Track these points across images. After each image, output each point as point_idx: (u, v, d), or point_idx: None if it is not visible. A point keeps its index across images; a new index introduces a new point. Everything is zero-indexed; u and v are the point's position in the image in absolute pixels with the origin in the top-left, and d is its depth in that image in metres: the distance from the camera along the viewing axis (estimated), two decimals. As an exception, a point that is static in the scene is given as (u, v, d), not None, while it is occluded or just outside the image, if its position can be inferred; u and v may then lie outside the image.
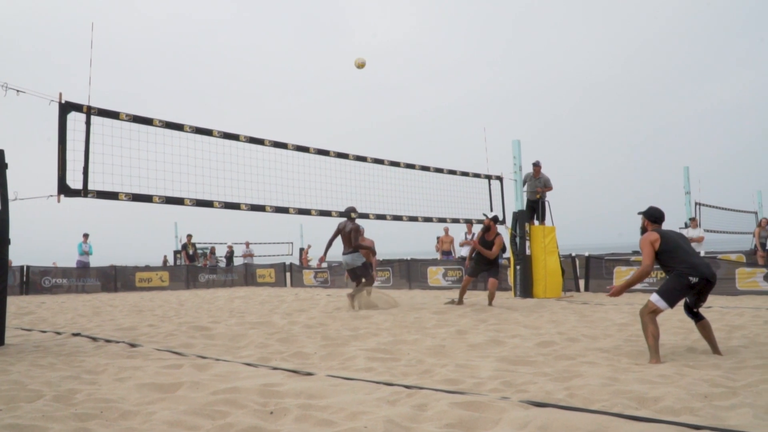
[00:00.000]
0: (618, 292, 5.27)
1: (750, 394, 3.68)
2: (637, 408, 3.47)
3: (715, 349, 5.29)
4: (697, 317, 5.36)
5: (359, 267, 10.30)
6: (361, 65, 10.17)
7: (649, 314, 5.09)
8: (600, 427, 3.08)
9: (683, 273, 5.08)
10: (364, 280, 10.38)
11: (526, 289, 12.18)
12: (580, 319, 8.12)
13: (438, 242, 18.80)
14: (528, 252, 12.32)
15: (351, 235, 10.25)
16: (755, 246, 16.66)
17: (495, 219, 10.52)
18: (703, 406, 3.42)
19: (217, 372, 4.77)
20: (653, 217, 5.49)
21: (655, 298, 5.11)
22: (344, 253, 10.36)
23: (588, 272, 14.03)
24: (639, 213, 5.61)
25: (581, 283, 14.16)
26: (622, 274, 13.33)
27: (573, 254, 14.86)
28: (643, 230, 5.55)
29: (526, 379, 4.29)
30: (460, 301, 10.42)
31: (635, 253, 20.45)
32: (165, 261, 26.88)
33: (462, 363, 5.00)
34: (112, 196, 7.18)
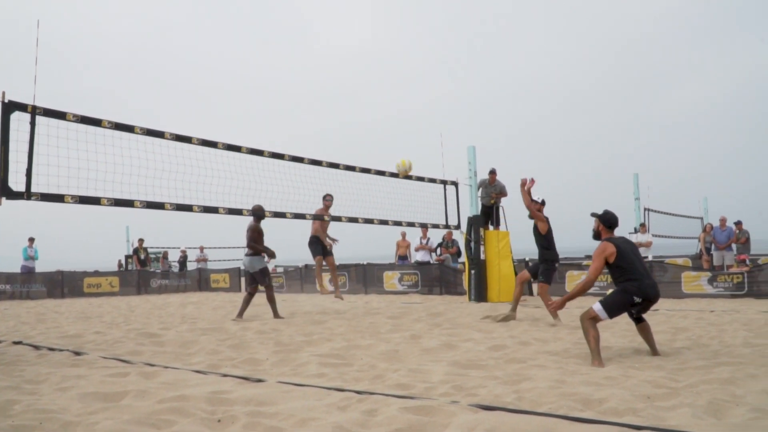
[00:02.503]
0: (560, 306, 5.40)
1: (690, 395, 3.78)
2: (582, 410, 3.53)
3: (654, 351, 5.41)
4: (639, 320, 5.48)
5: (257, 272, 9.73)
6: (404, 169, 9.96)
7: (589, 320, 5.18)
8: (546, 429, 3.12)
9: (629, 291, 5.18)
10: (263, 287, 9.84)
11: (480, 293, 12.30)
12: (532, 323, 8.24)
13: (397, 246, 18.82)
14: (482, 257, 12.45)
15: (246, 235, 9.64)
16: (700, 250, 17.18)
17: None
18: (646, 407, 3.51)
19: (165, 380, 4.67)
20: (609, 222, 5.52)
21: (597, 307, 5.19)
22: (245, 255, 9.86)
23: (541, 276, 14.24)
24: (593, 215, 5.64)
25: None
26: (574, 278, 13.57)
27: (526, 259, 15.06)
28: (596, 234, 5.58)
29: (476, 383, 4.32)
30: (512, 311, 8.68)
31: (587, 257, 20.86)
32: (120, 265, 26.26)
33: (414, 367, 5.01)
34: (58, 198, 6.98)
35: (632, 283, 5.19)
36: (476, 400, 3.79)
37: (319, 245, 10.85)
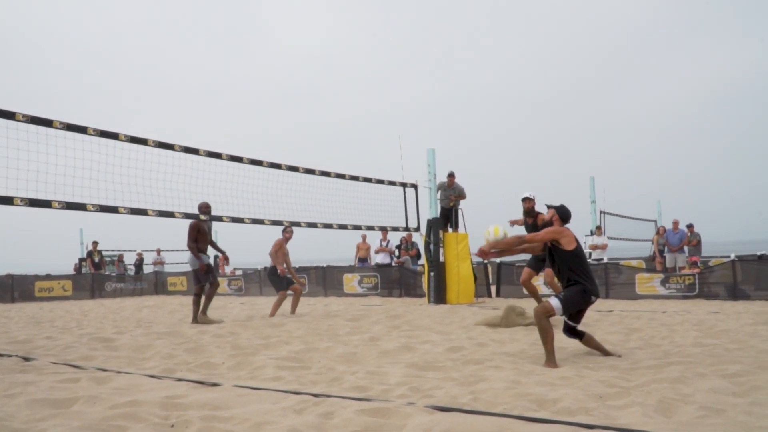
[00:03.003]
0: (485, 253, 5.35)
1: (641, 394, 3.87)
2: (536, 410, 3.58)
3: (606, 353, 5.50)
4: (580, 335, 5.51)
5: (197, 270, 9.36)
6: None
7: (547, 317, 5.19)
8: (500, 429, 3.16)
9: (588, 290, 5.23)
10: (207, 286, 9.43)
11: (439, 295, 12.36)
12: (489, 325, 8.30)
13: (357, 248, 18.80)
14: (441, 259, 12.52)
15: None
16: (654, 253, 17.60)
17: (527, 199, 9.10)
18: (598, 406, 3.57)
19: (118, 385, 4.57)
20: (564, 215, 5.55)
21: (556, 304, 5.19)
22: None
23: (499, 278, 14.42)
24: (548, 206, 5.64)
25: (493, 289, 14.51)
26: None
27: (485, 261, 15.22)
28: (547, 225, 5.53)
29: (433, 384, 4.35)
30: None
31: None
32: (76, 268, 25.57)
33: (372, 370, 5.01)
34: (7, 201, 6.79)
35: (590, 282, 5.28)
36: (432, 401, 3.81)
37: (284, 279, 10.45)
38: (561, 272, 5.38)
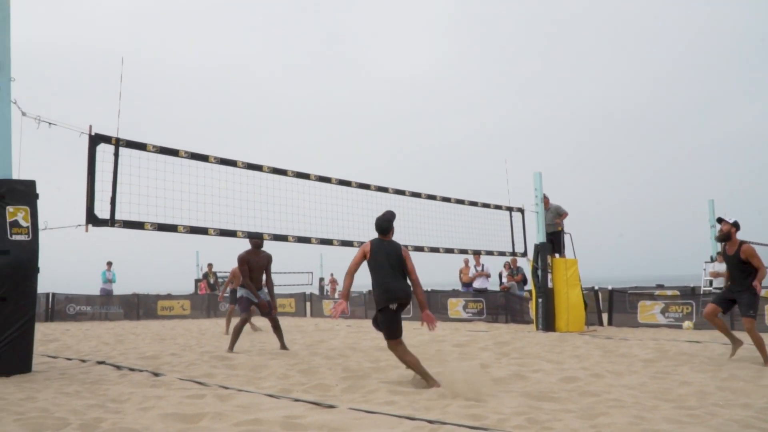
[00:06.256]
0: (430, 319, 5.71)
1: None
2: (665, 448, 3.41)
3: (428, 381, 5.54)
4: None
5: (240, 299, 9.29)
6: None
7: (399, 349, 5.56)
8: (628, 467, 3.03)
9: (381, 302, 5.47)
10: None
11: (548, 322, 12.04)
12: (603, 354, 7.99)
13: (461, 273, 18.63)
14: (550, 285, 12.21)
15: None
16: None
17: (719, 220, 7.60)
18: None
19: (240, 403, 4.77)
20: (378, 226, 5.72)
21: (383, 334, 5.59)
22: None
23: (611, 306, 13.86)
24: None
25: (605, 317, 13.97)
26: (646, 308, 13.14)
27: (596, 287, 14.70)
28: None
29: (550, 416, 4.23)
30: (735, 343, 7.43)
31: (659, 287, 20.16)
32: (202, 288, 26.63)
33: (485, 398, 4.94)
34: (138, 225, 7.28)
35: (379, 293, 5.47)
36: (552, 433, 3.72)
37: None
38: None
